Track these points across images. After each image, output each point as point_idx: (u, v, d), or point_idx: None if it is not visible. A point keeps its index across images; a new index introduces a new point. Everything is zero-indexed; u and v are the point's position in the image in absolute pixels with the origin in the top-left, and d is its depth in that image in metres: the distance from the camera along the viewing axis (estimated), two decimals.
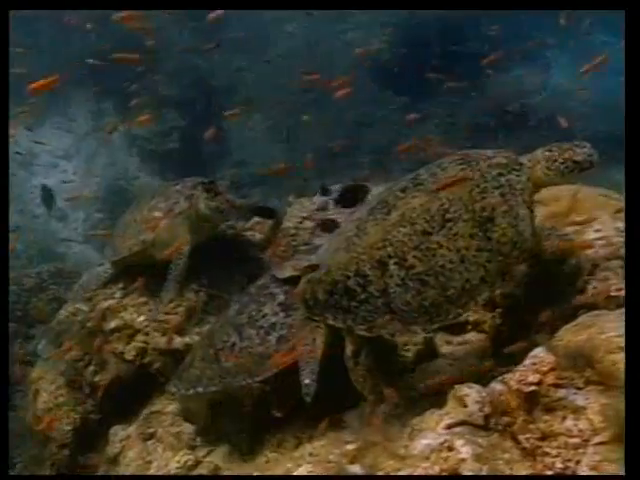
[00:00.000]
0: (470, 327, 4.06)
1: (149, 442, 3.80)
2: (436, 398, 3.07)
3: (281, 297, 3.37)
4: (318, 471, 2.11)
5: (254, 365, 3.16)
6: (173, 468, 3.42)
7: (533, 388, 2.05)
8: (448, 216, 2.82)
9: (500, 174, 2.88)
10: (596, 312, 2.51)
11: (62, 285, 7.68)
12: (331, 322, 2.98)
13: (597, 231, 3.26)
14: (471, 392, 2.51)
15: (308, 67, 14.65)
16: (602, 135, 12.45)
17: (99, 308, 4.36)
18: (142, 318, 4.22)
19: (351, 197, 5.11)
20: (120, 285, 4.50)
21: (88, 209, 13.92)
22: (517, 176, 2.90)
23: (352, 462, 2.11)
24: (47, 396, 4.38)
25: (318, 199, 5.15)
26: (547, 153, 3.00)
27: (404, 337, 3.70)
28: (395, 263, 2.86)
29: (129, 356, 4.14)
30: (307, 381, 2.92)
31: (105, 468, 3.99)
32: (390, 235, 2.89)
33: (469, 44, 14.15)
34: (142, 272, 4.36)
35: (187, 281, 4.22)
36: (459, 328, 4.11)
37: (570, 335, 2.42)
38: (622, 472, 1.72)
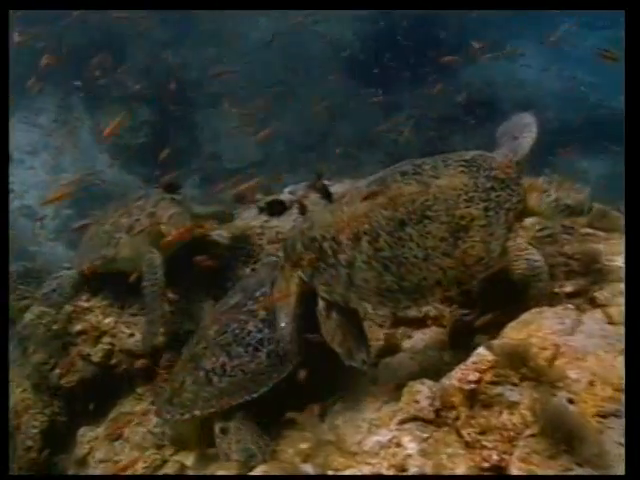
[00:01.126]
0: (430, 322, 4.19)
1: (116, 443, 3.85)
2: (396, 392, 3.21)
3: (262, 313, 3.40)
4: (273, 471, 2.20)
5: (249, 382, 3.20)
6: (140, 468, 3.48)
7: (473, 386, 2.17)
8: (428, 213, 2.91)
9: (493, 188, 2.91)
10: (538, 309, 2.63)
11: (31, 285, 7.62)
12: (300, 274, 3.15)
13: (545, 228, 3.40)
14: (423, 388, 2.62)
15: (280, 59, 14.68)
16: (566, 124, 12.81)
17: (65, 311, 4.37)
18: (108, 320, 4.26)
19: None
20: (86, 288, 4.51)
21: (57, 206, 13.72)
22: (509, 195, 2.91)
23: (305, 461, 2.20)
24: (14, 399, 4.38)
25: (284, 197, 5.21)
26: (545, 185, 2.99)
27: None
28: (368, 241, 2.99)
29: (96, 358, 4.17)
30: (282, 324, 3.17)
31: (74, 469, 4.03)
32: (373, 213, 3.00)
33: (439, 35, 14.29)
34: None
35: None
36: (419, 323, 4.24)
37: (513, 332, 2.55)
38: (554, 464, 1.84)
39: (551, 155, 13.18)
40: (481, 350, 2.32)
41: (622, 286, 2.70)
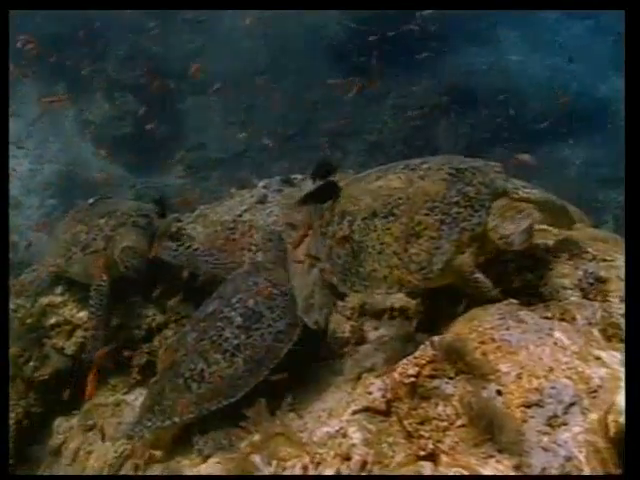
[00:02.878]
0: (397, 313, 4.32)
1: (90, 433, 3.96)
2: (357, 383, 3.33)
3: (238, 319, 3.49)
4: (225, 461, 2.31)
5: (227, 387, 3.28)
6: (110, 457, 3.59)
7: (412, 379, 2.29)
8: (395, 210, 3.01)
9: (457, 203, 2.91)
10: (484, 305, 2.75)
11: (10, 276, 7.68)
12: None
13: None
14: (376, 380, 2.74)
15: (262, 48, 14.64)
16: (548, 112, 12.91)
17: (39, 304, 4.46)
18: (82, 314, 4.34)
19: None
20: (60, 281, 4.59)
21: (42, 195, 13.72)
22: (469, 215, 2.88)
23: (254, 452, 2.31)
24: None
25: (257, 192, 5.28)
26: (495, 210, 2.90)
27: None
28: (348, 221, 3.16)
29: (69, 351, 4.27)
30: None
31: (49, 460, 4.14)
32: (361, 197, 3.17)
33: (422, 23, 14.28)
34: None
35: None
36: (387, 314, 4.37)
37: (459, 326, 2.67)
38: (477, 451, 1.96)
39: (533, 143, 13.32)
40: (424, 346, 2.44)
41: (564, 281, 2.83)
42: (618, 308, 2.59)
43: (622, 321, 2.48)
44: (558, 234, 3.35)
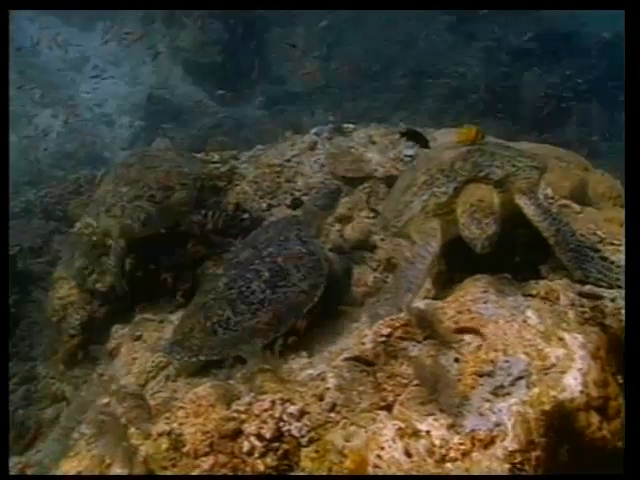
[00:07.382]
0: None
1: (136, 342, 4.52)
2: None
3: (266, 274, 3.73)
4: (216, 387, 2.65)
5: (249, 337, 3.55)
6: (148, 366, 4.12)
7: (384, 339, 2.51)
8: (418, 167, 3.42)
9: (443, 171, 3.12)
10: (477, 276, 2.87)
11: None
12: None
13: None
14: (369, 333, 2.98)
15: None
16: None
17: (102, 226, 4.99)
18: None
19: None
20: None
21: (133, 116, 14.53)
22: (441, 184, 3.07)
23: (243, 383, 2.65)
24: (62, 294, 5.17)
25: (308, 138, 5.44)
26: (466, 206, 2.93)
27: None
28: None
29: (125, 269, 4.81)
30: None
31: (105, 359, 4.79)
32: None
33: None
34: None
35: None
36: None
37: (450, 294, 2.83)
38: (422, 409, 2.18)
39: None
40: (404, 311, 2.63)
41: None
42: (609, 292, 2.64)
43: (608, 305, 2.54)
44: (580, 211, 3.33)
